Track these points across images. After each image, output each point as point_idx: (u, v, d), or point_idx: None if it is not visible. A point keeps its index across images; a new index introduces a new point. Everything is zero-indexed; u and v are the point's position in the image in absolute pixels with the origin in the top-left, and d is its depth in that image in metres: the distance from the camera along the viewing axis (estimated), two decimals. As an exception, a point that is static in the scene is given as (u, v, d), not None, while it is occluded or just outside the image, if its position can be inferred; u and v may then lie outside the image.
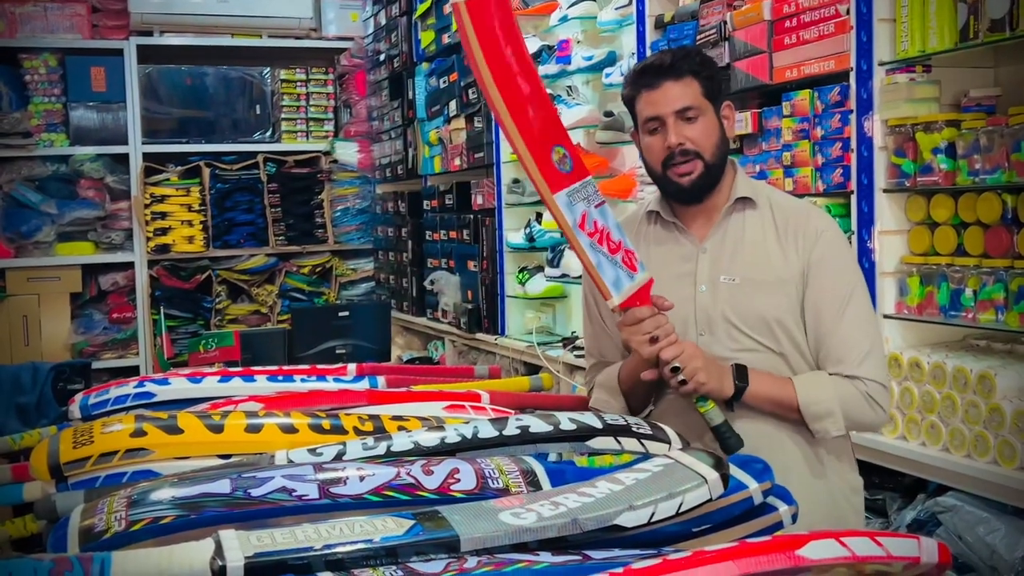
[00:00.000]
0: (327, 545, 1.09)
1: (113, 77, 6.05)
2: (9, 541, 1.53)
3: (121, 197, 6.13)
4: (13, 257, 5.85)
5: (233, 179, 6.32)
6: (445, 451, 1.44)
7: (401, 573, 1.08)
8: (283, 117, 6.57)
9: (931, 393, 2.46)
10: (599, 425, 1.55)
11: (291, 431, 1.56)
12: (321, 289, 6.55)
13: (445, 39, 5.10)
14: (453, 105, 5.03)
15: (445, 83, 5.13)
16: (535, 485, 1.33)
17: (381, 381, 2.09)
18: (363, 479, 1.29)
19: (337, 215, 6.60)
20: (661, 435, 1.59)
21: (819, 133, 2.80)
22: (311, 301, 6.45)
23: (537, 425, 1.51)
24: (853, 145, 2.67)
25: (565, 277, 4.07)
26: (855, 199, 2.66)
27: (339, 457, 1.41)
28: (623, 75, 3.68)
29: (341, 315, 4.58)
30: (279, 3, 6.39)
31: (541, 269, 4.32)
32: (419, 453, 1.43)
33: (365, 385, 2.05)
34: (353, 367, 2.18)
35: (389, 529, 1.13)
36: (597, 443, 1.53)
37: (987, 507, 2.31)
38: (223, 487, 1.25)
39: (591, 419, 1.57)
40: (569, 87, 4.08)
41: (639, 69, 1.97)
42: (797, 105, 2.88)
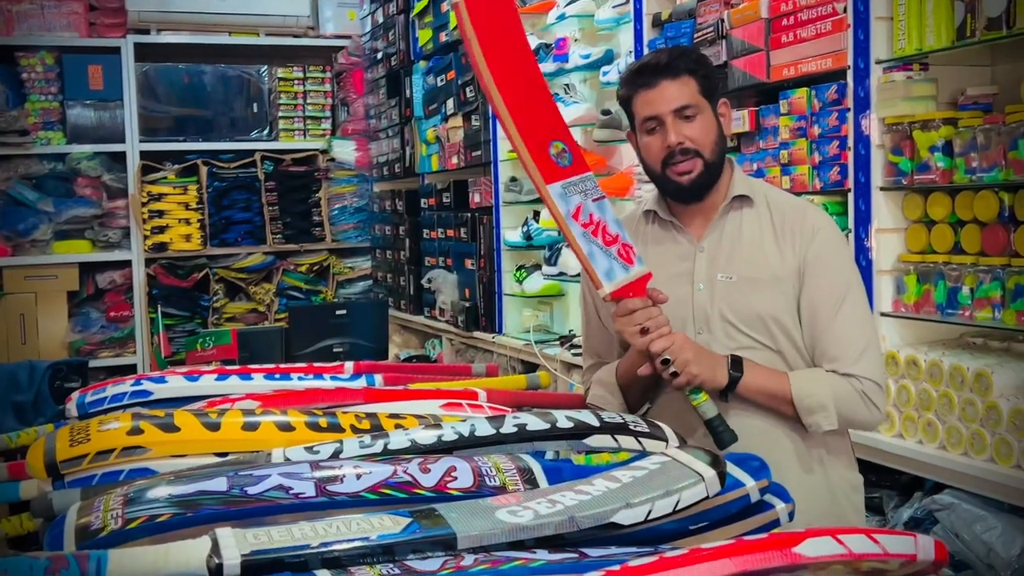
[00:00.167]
0: (324, 543, 1.09)
1: (110, 75, 6.04)
2: (5, 539, 1.53)
3: (118, 195, 6.12)
4: (10, 255, 5.84)
5: (230, 177, 6.32)
6: (442, 449, 1.44)
7: (398, 571, 1.08)
8: (280, 115, 6.57)
9: (928, 391, 2.46)
10: (596, 423, 1.55)
11: (288, 429, 1.56)
12: (318, 287, 6.55)
13: (442, 37, 5.10)
14: (450, 103, 5.02)
15: (442, 81, 5.13)
16: (532, 483, 1.33)
17: (378, 379, 2.09)
18: (360, 477, 1.29)
19: (334, 213, 6.59)
20: (658, 433, 1.59)
21: (816, 131, 2.80)
22: (308, 299, 6.45)
23: (534, 423, 1.51)
24: (850, 143, 2.67)
25: (563, 275, 4.08)
26: (852, 197, 2.66)
27: (336, 455, 1.41)
28: (620, 73, 3.68)
29: (338, 313, 4.58)
30: (276, 1, 6.38)
31: (539, 267, 4.32)
32: (416, 451, 1.43)
33: (362, 383, 2.05)
34: (350, 365, 2.18)
35: (386, 527, 1.13)
36: (594, 441, 1.52)
37: (984, 505, 2.32)
38: (220, 485, 1.25)
39: (588, 417, 1.57)
40: (566, 85, 4.08)
41: (635, 69, 1.97)
42: (794, 103, 2.88)
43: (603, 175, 3.89)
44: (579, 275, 3.89)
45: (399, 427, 1.59)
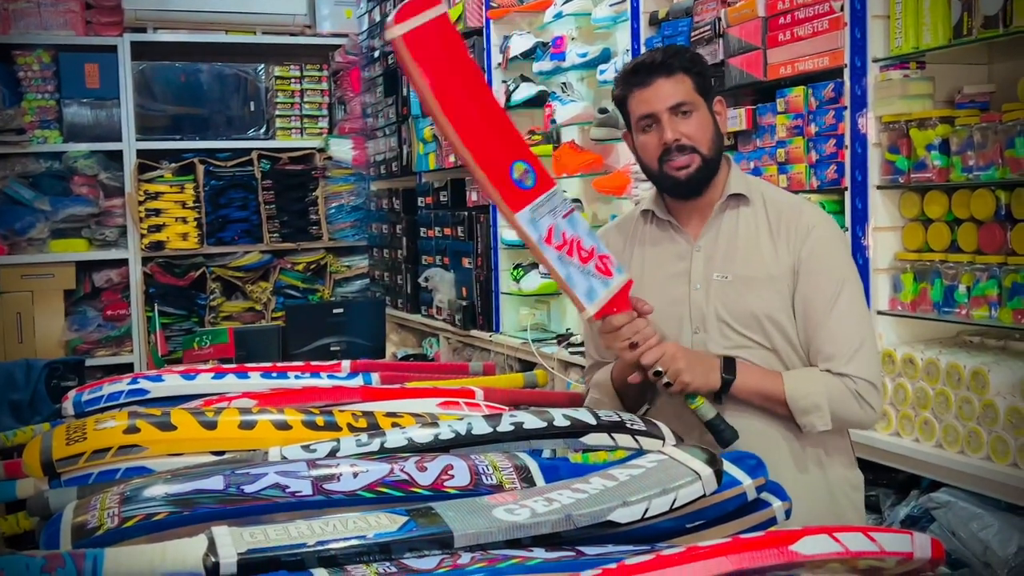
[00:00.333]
0: (320, 541, 1.09)
1: (107, 74, 6.03)
2: (2, 538, 1.53)
3: (115, 194, 6.11)
4: (7, 254, 5.84)
5: (227, 176, 6.31)
6: (439, 447, 1.44)
7: (395, 569, 1.08)
8: (277, 114, 6.56)
9: (925, 389, 2.47)
10: (593, 421, 1.55)
11: (285, 428, 1.56)
12: (315, 286, 6.55)
13: (439, 36, 5.09)
14: (448, 102, 5.01)
15: (440, 80, 5.12)
16: (529, 481, 1.33)
17: (375, 378, 2.09)
18: (357, 475, 1.29)
19: (331, 212, 6.59)
20: (655, 431, 1.59)
21: (813, 130, 2.80)
22: (305, 298, 6.45)
23: (531, 421, 1.51)
24: (847, 142, 2.67)
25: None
26: (849, 196, 2.66)
27: (333, 454, 1.41)
28: (617, 72, 3.68)
29: (335, 312, 4.58)
30: (273, 0, 6.38)
31: (536, 266, 4.32)
32: (413, 449, 1.43)
33: (359, 382, 2.05)
34: (347, 364, 2.18)
35: (383, 525, 1.13)
36: (591, 439, 1.53)
37: (980, 503, 2.32)
38: (216, 484, 1.25)
39: (585, 415, 1.57)
40: (564, 84, 4.08)
41: (630, 68, 1.97)
42: (791, 102, 2.88)
43: (600, 173, 3.89)
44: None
45: (396, 426, 1.59)
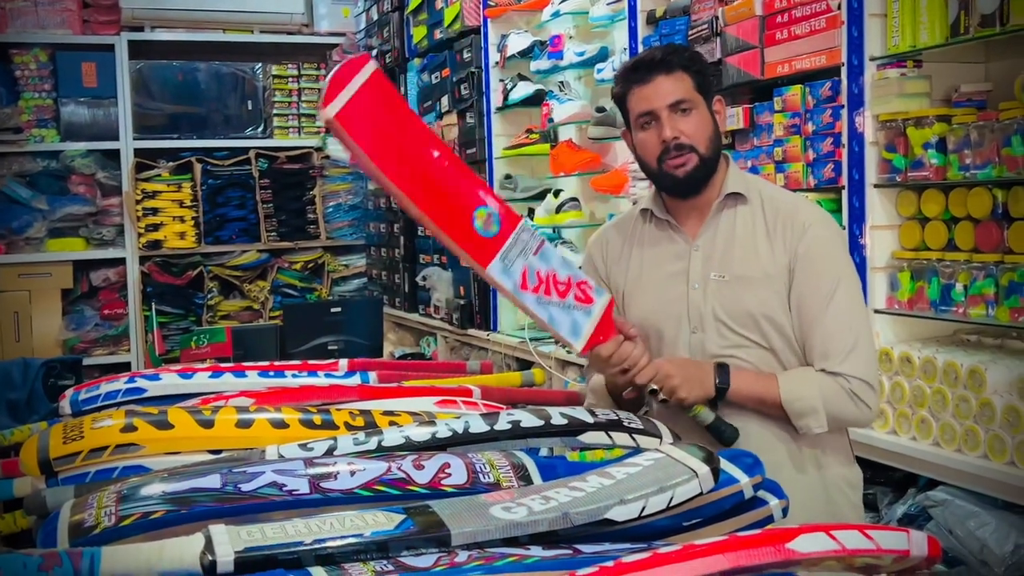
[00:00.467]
0: (317, 539, 1.09)
1: (104, 73, 6.02)
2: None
3: (112, 193, 6.11)
4: (4, 253, 5.83)
5: (225, 175, 6.31)
6: (436, 446, 1.44)
7: (392, 567, 1.08)
8: (275, 113, 6.55)
9: (922, 388, 2.47)
10: (590, 420, 1.55)
11: (282, 426, 1.56)
12: (313, 285, 6.54)
13: (437, 34, 5.09)
14: (445, 101, 5.02)
15: (437, 79, 5.12)
16: (526, 480, 1.33)
17: (373, 377, 2.09)
18: (354, 474, 1.29)
19: (329, 211, 6.58)
20: (652, 429, 1.60)
21: (810, 128, 2.80)
22: (303, 297, 6.44)
23: (528, 420, 1.51)
24: (844, 140, 2.67)
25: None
26: (846, 194, 2.66)
27: (330, 452, 1.41)
28: (615, 71, 3.68)
29: (333, 311, 4.58)
30: (271, -1, 6.39)
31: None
32: (410, 448, 1.43)
33: (357, 381, 2.05)
34: (345, 363, 2.18)
35: (379, 524, 1.13)
36: (588, 438, 1.53)
37: (977, 501, 2.32)
38: (213, 482, 1.24)
39: (582, 414, 1.57)
40: (561, 83, 4.08)
41: (630, 66, 1.97)
42: (788, 100, 2.88)
43: (598, 172, 3.89)
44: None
45: (393, 424, 1.59)
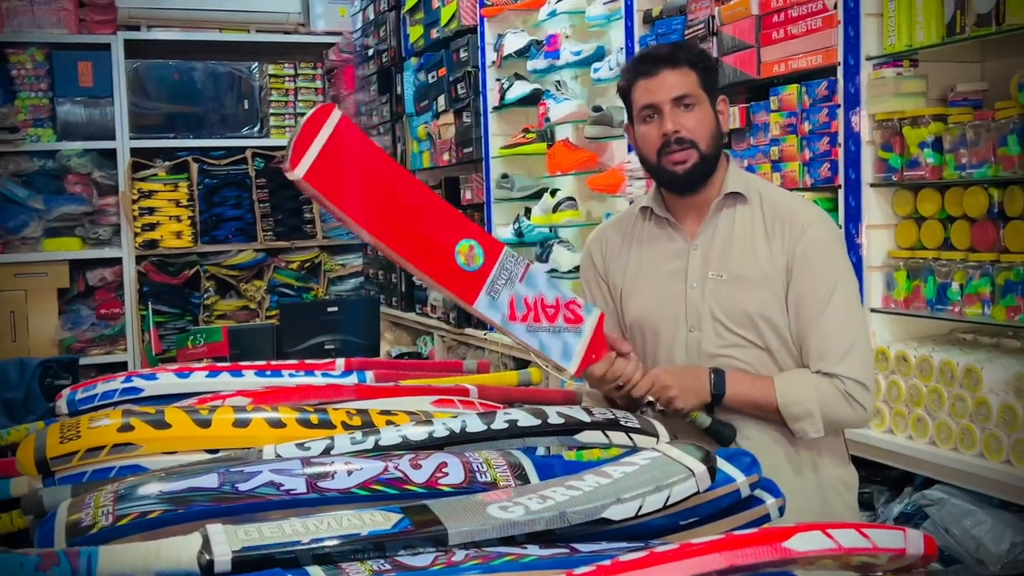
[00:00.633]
0: (314, 539, 1.09)
1: (100, 72, 6.03)
2: (-4, 537, 1.53)
3: (109, 192, 6.11)
4: (0, 253, 5.82)
5: (221, 174, 6.31)
6: (433, 445, 1.44)
7: (389, 566, 1.08)
8: (271, 112, 6.56)
9: (918, 387, 2.47)
10: (587, 419, 1.55)
11: (279, 426, 1.55)
12: (310, 284, 6.54)
13: (433, 34, 5.09)
14: (442, 100, 5.01)
15: (434, 78, 5.12)
16: (523, 479, 1.33)
17: (370, 376, 2.09)
18: (351, 473, 1.29)
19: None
20: (649, 428, 1.59)
21: (807, 128, 2.80)
22: (300, 296, 6.44)
23: (525, 419, 1.51)
24: (840, 140, 2.67)
25: (554, 272, 4.07)
26: (842, 194, 2.67)
27: (327, 451, 1.41)
28: (611, 70, 3.68)
29: (330, 310, 4.58)
30: (267, -2, 6.39)
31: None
32: (407, 447, 1.43)
33: (353, 380, 2.05)
34: (342, 362, 2.17)
35: (377, 523, 1.13)
36: (585, 437, 1.53)
37: (973, 500, 2.32)
38: (211, 482, 1.24)
39: (579, 413, 1.57)
40: (558, 82, 4.08)
41: (637, 58, 1.98)
42: (785, 100, 2.89)
43: (594, 172, 3.89)
44: (571, 272, 3.90)
45: (390, 423, 1.58)
